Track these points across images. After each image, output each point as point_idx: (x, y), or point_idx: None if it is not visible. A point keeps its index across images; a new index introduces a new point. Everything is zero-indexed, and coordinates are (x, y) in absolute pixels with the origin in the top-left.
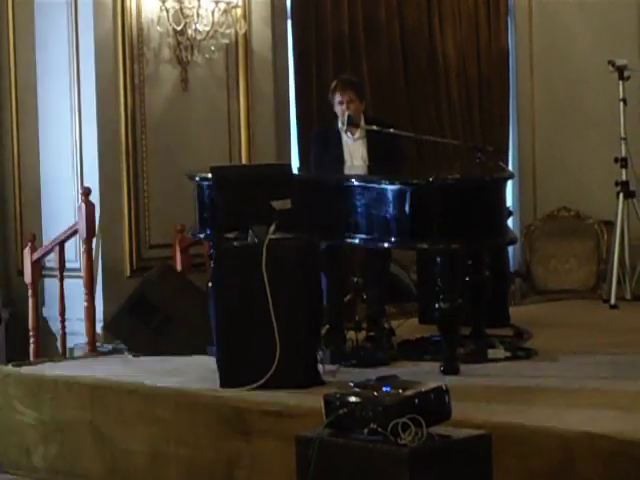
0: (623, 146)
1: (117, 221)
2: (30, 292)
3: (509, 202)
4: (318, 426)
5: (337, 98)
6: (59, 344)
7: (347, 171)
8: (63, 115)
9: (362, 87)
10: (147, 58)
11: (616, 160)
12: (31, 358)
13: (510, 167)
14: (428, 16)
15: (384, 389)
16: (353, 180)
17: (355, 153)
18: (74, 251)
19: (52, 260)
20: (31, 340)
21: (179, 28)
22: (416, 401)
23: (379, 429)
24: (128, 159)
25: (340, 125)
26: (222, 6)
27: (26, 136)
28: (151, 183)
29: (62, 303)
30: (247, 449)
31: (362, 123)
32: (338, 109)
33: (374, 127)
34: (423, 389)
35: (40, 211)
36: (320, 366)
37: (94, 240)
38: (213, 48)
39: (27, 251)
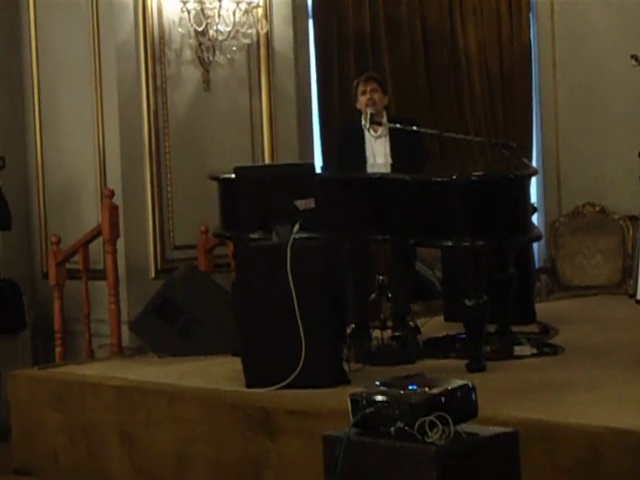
0: None
1: (141, 222)
2: (55, 294)
3: (533, 199)
4: (345, 425)
5: (360, 88)
6: (84, 346)
7: (370, 169)
8: (86, 117)
9: (384, 82)
10: (169, 59)
11: None
12: (57, 360)
13: (534, 163)
14: (450, 12)
15: (410, 387)
16: (377, 178)
17: (378, 151)
18: (98, 253)
19: (76, 262)
20: (57, 342)
21: (200, 29)
22: (443, 399)
23: (406, 428)
24: (151, 160)
25: (363, 122)
26: (243, 6)
27: (49, 139)
28: (174, 184)
29: (87, 305)
30: (274, 449)
31: (384, 120)
32: (362, 100)
33: (397, 125)
34: (450, 387)
35: (64, 214)
36: (346, 365)
37: (118, 242)
38: (235, 48)
39: (51, 253)
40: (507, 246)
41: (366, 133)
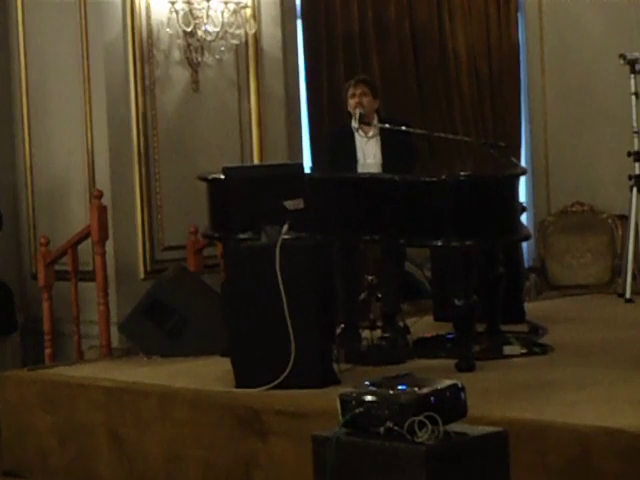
0: (636, 140)
1: (130, 223)
2: (44, 296)
3: (522, 198)
4: (334, 425)
5: (350, 91)
6: (74, 347)
7: (360, 170)
8: (74, 118)
9: (376, 85)
10: (157, 60)
11: (629, 154)
12: (46, 362)
13: (522, 163)
14: (438, 13)
15: (400, 387)
16: (367, 178)
17: (368, 151)
18: (87, 254)
19: (65, 263)
20: (46, 344)
21: (189, 29)
22: (432, 399)
23: (395, 427)
24: (140, 161)
25: (353, 124)
26: (231, 6)
27: (37, 140)
28: (163, 185)
29: (76, 306)
30: (264, 449)
31: (375, 121)
32: (351, 103)
33: (386, 125)
34: (439, 387)
35: (53, 215)
36: (335, 365)
37: (107, 243)
38: (223, 49)
39: (40, 255)
40: (496, 246)
41: (356, 135)
